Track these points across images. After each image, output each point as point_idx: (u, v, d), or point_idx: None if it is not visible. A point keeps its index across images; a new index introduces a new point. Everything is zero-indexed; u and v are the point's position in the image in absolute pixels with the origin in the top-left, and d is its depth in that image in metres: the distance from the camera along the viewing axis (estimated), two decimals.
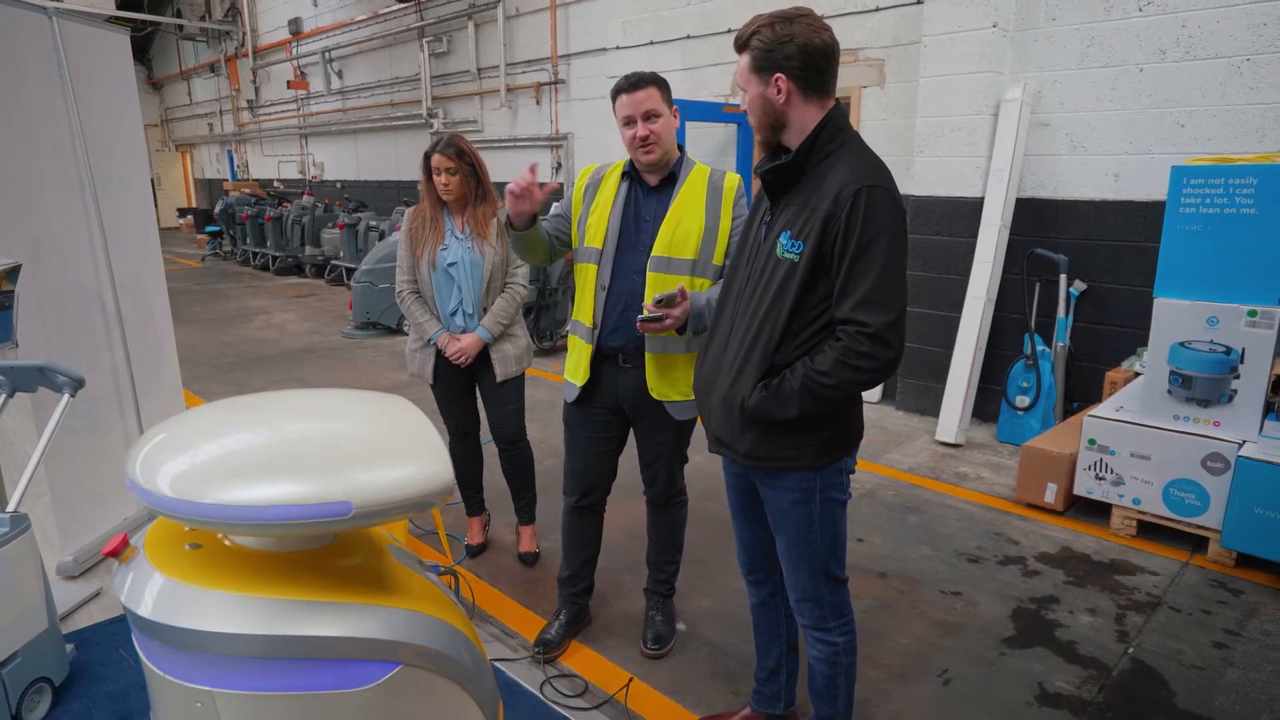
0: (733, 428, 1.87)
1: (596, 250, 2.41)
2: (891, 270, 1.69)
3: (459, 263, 3.03)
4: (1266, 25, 3.91)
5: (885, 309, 1.67)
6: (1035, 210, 4.81)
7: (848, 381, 1.71)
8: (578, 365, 2.52)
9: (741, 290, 1.88)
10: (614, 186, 2.44)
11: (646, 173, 2.41)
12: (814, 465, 1.85)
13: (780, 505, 1.92)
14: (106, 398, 3.39)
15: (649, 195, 2.41)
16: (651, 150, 2.31)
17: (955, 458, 4.60)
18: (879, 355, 1.68)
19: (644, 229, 2.38)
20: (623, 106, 2.31)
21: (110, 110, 3.41)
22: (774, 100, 1.76)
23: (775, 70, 1.73)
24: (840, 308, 1.71)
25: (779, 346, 1.78)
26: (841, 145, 1.77)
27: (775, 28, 1.73)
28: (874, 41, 5.45)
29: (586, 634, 2.86)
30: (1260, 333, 3.19)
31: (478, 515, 3.52)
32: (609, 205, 2.42)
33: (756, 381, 1.79)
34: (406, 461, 1.20)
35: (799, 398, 1.73)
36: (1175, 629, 2.88)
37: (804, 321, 1.77)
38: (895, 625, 2.92)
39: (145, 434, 1.21)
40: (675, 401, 2.45)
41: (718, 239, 2.35)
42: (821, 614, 1.99)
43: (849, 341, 1.68)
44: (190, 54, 18.16)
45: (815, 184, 1.75)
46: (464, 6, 9.83)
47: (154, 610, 1.15)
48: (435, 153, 2.99)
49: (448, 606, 1.38)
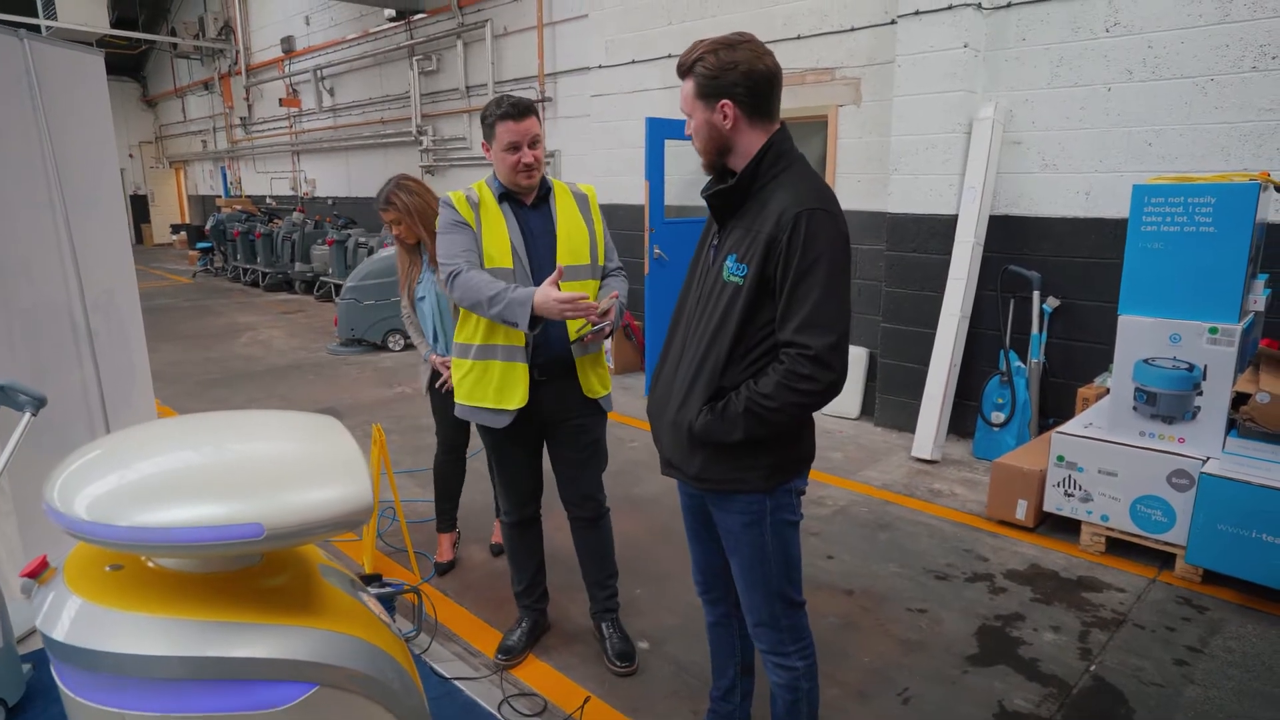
0: (682, 450, 1.89)
1: (508, 270, 2.43)
2: (833, 293, 1.70)
3: (426, 296, 3.25)
4: (1229, 47, 3.96)
5: (826, 331, 1.69)
6: (1008, 227, 4.85)
7: (791, 404, 1.72)
8: (515, 386, 2.45)
9: (691, 313, 1.90)
10: (495, 208, 2.48)
11: (528, 193, 2.50)
12: (763, 488, 1.85)
13: (731, 528, 1.93)
14: (75, 415, 3.39)
15: (528, 212, 2.52)
16: (533, 175, 2.44)
17: (930, 474, 4.61)
18: (821, 378, 1.69)
19: (540, 243, 2.49)
20: (510, 132, 2.37)
21: (83, 131, 3.43)
22: (720, 125, 1.78)
23: (721, 96, 1.76)
24: (783, 330, 1.72)
25: (725, 369, 1.79)
26: (785, 169, 1.79)
27: (719, 54, 1.75)
28: (850, 61, 5.51)
29: (548, 650, 2.86)
30: (1221, 349, 3.22)
31: (448, 532, 3.53)
32: (502, 228, 2.46)
33: (703, 404, 1.81)
34: (323, 483, 1.21)
35: (743, 420, 1.74)
36: (1138, 646, 2.88)
37: (750, 344, 1.78)
38: (858, 643, 2.92)
39: (65, 459, 1.22)
40: (605, 395, 2.61)
41: (599, 242, 2.55)
42: (779, 638, 1.98)
43: (791, 364, 1.70)
44: (184, 72, 18.28)
45: (759, 207, 1.78)
46: (453, 26, 9.92)
47: (69, 634, 1.15)
48: (379, 210, 3.23)
49: (374, 627, 1.39)
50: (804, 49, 5.71)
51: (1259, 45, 3.89)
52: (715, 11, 6.21)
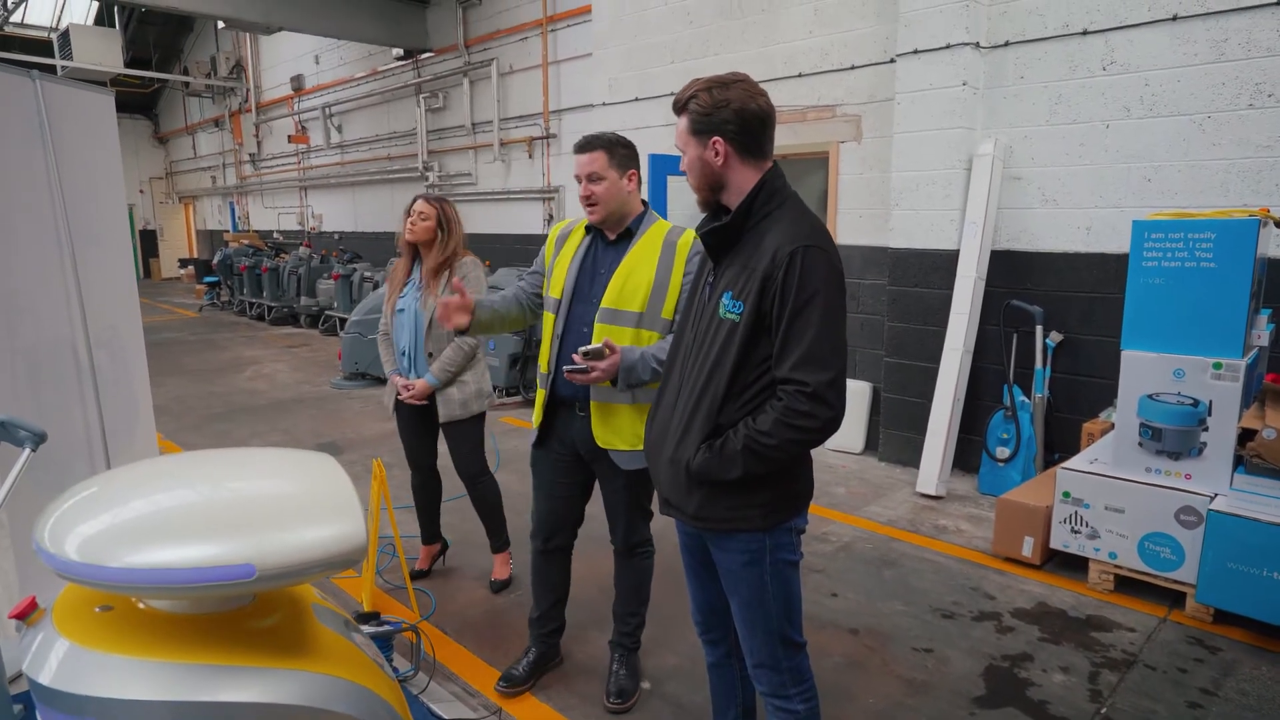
0: (680, 489, 1.87)
1: (556, 300, 2.51)
2: (829, 329, 1.70)
3: (406, 310, 3.35)
4: (1225, 85, 4.00)
5: (823, 368, 1.68)
6: (1010, 262, 4.86)
7: (789, 441, 1.71)
8: (537, 407, 2.62)
9: (688, 351, 1.90)
10: (578, 240, 2.56)
11: (604, 228, 2.49)
12: (762, 526, 1.84)
13: (731, 567, 1.90)
14: (76, 451, 3.39)
15: (607, 249, 2.51)
16: (594, 210, 2.43)
17: (935, 510, 4.57)
18: (819, 414, 1.68)
19: (598, 281, 2.46)
20: (575, 165, 2.46)
21: (92, 168, 3.48)
22: (712, 162, 1.80)
23: (713, 133, 1.78)
24: (780, 367, 1.72)
25: (723, 407, 1.79)
26: (779, 206, 1.81)
27: (712, 92, 1.78)
28: (850, 98, 5.58)
29: (548, 689, 2.81)
30: (1226, 385, 3.20)
31: (428, 545, 3.74)
32: (570, 257, 2.53)
33: (701, 442, 1.79)
34: (316, 522, 1.20)
35: (742, 458, 1.73)
36: (1150, 688, 2.82)
37: (747, 381, 1.78)
38: (863, 684, 2.86)
39: (58, 498, 1.21)
40: (621, 451, 2.49)
41: (667, 293, 2.41)
42: (780, 680, 1.94)
43: (789, 401, 1.69)
44: (195, 109, 18.60)
45: (754, 244, 1.79)
46: (460, 64, 10.10)
47: (55, 678, 1.14)
48: (419, 199, 3.36)
49: (366, 669, 1.36)
50: (805, 86, 5.78)
51: (1254, 83, 3.93)
52: (718, 50, 6.31)
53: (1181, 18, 4.10)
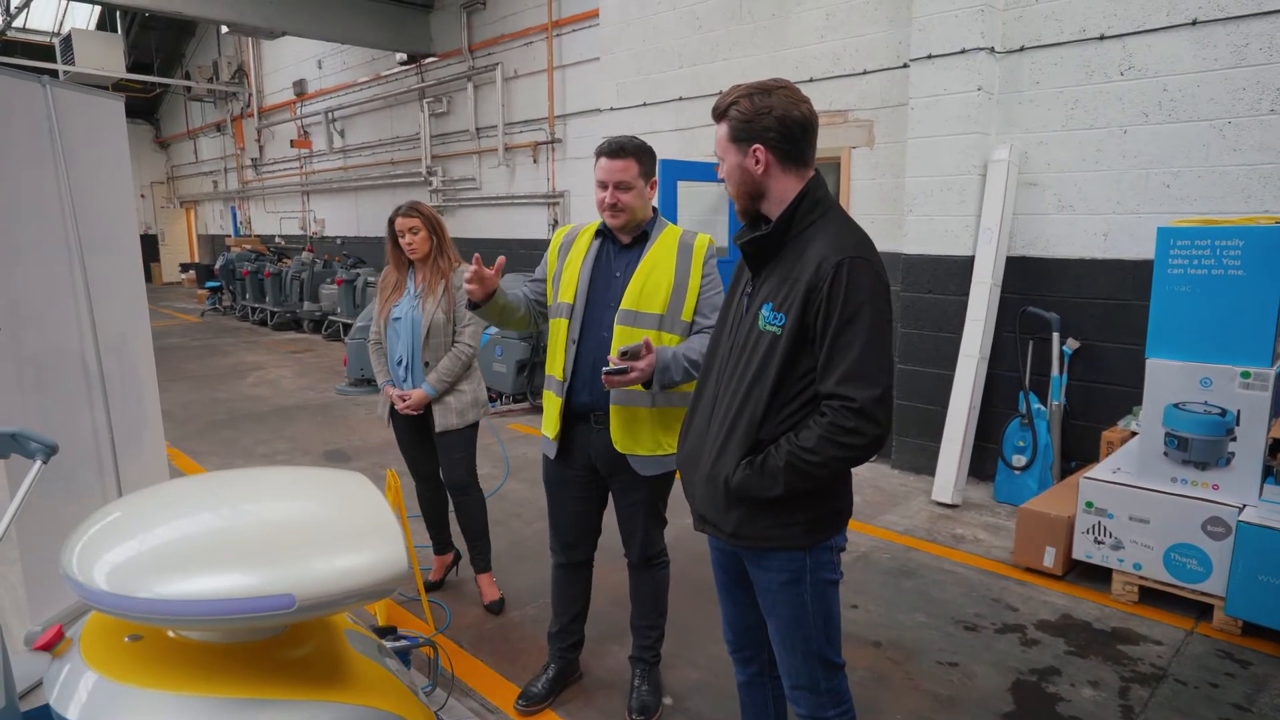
0: (717, 506, 1.81)
1: (568, 305, 2.45)
2: (876, 344, 1.65)
3: (403, 318, 3.29)
4: (1246, 90, 3.96)
5: (870, 384, 1.63)
6: (1026, 269, 4.82)
7: (834, 459, 1.66)
8: (550, 417, 2.54)
9: (724, 363, 1.85)
10: (587, 244, 2.51)
11: (618, 232, 2.46)
12: (802, 545, 1.78)
13: (769, 587, 1.85)
14: (85, 461, 3.33)
15: (621, 252, 2.47)
16: (618, 216, 2.39)
17: (952, 518, 4.52)
18: (866, 431, 1.63)
19: (614, 284, 2.42)
20: (600, 170, 2.38)
21: (102, 175, 3.43)
22: (752, 170, 1.75)
23: (753, 141, 1.73)
24: (825, 382, 1.67)
25: (763, 422, 1.73)
26: (822, 215, 1.76)
27: (754, 99, 1.73)
28: (863, 103, 5.53)
29: (568, 704, 2.75)
30: (1255, 394, 3.15)
31: (441, 555, 3.69)
32: (580, 261, 2.47)
33: (740, 458, 1.74)
34: (356, 548, 1.15)
35: (784, 475, 1.68)
36: (1182, 704, 2.77)
37: (788, 395, 1.72)
38: (889, 699, 2.81)
39: (82, 524, 1.16)
40: (640, 456, 2.44)
41: (687, 294, 2.39)
42: (819, 702, 1.90)
43: (834, 417, 1.64)
44: (197, 114, 18.55)
45: (796, 255, 1.73)
46: (464, 69, 10.06)
47: (84, 713, 1.08)
48: (398, 216, 3.26)
49: (403, 697, 1.31)
50: (816, 91, 5.73)
51: (1276, 88, 3.89)
52: (727, 55, 6.27)
53: (1201, 22, 4.06)
